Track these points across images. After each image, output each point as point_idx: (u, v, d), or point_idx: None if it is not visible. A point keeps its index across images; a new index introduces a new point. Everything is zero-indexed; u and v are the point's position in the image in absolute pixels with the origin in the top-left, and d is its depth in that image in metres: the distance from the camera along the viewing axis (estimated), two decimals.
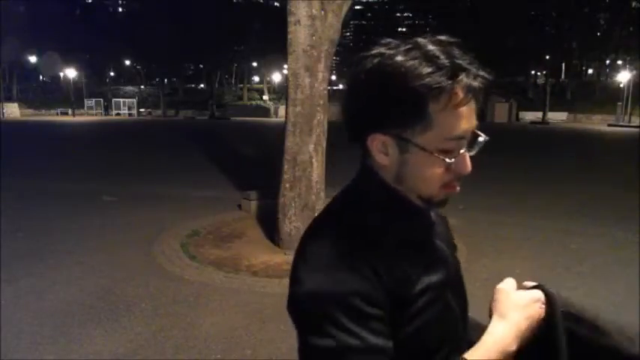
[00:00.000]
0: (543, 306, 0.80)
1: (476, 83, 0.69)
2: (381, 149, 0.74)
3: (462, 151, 0.73)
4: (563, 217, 6.70)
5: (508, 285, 0.82)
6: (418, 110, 0.69)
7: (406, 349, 0.72)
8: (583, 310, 0.84)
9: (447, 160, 0.72)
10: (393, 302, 0.70)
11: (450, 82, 0.67)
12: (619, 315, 3.55)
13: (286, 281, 0.81)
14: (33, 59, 48.94)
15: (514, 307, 0.78)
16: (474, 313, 0.90)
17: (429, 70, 0.67)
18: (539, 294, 0.82)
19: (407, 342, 0.72)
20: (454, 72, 0.68)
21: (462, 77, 0.68)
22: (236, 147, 15.51)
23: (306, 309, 0.70)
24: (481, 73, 0.70)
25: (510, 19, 41.79)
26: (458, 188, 0.77)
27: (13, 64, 45.75)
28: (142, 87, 60.05)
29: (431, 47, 0.69)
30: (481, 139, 0.75)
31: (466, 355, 0.72)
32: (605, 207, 7.32)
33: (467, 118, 0.71)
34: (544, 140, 22.55)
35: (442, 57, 0.68)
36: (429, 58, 0.68)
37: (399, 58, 0.69)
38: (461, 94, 0.69)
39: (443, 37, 0.72)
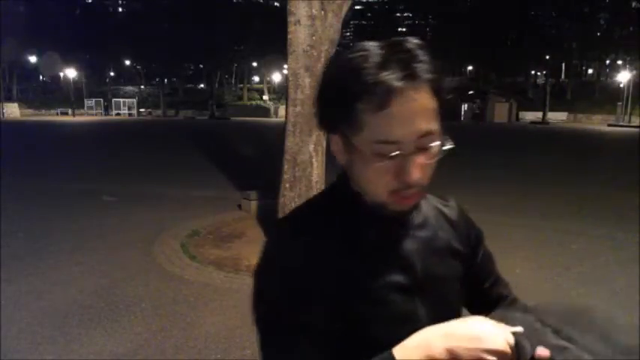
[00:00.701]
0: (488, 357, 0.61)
1: (399, 84, 0.65)
2: (337, 149, 0.74)
3: (414, 156, 0.68)
4: (563, 217, 6.70)
5: (482, 321, 0.66)
6: (347, 110, 0.68)
7: (347, 345, 0.72)
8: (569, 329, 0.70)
9: (384, 164, 0.68)
10: (331, 296, 0.71)
11: (373, 81, 0.65)
12: (619, 315, 3.56)
13: None
14: (33, 59, 48.97)
15: (445, 332, 0.65)
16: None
17: (357, 69, 0.66)
18: (495, 339, 0.62)
19: (347, 340, 0.73)
20: (380, 71, 0.65)
21: (387, 76, 0.65)
22: (236, 147, 15.51)
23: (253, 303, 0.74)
24: (419, 72, 0.66)
25: (510, 19, 41.83)
26: (410, 201, 0.72)
27: (13, 64, 45.77)
28: (142, 87, 60.06)
29: (373, 48, 0.67)
30: (434, 144, 0.69)
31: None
32: (605, 207, 7.32)
33: (403, 122, 0.66)
34: (544, 140, 22.55)
35: (375, 57, 0.66)
36: (363, 59, 0.66)
37: (340, 59, 0.70)
38: (385, 95, 0.65)
39: (406, 39, 0.69)
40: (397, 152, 0.67)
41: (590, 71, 57.89)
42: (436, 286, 0.81)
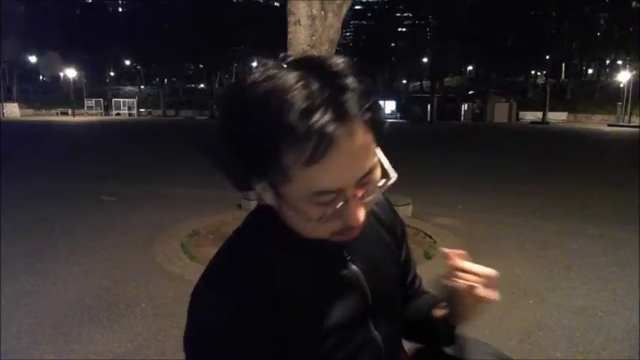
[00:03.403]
0: None
1: (331, 129, 0.53)
2: (267, 200, 0.64)
3: (348, 202, 0.60)
4: (563, 217, 6.70)
5: None
6: (270, 160, 0.56)
7: None
8: None
9: (324, 213, 0.59)
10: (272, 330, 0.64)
11: (301, 130, 0.52)
12: (619, 315, 3.56)
13: None
14: (33, 59, 49.01)
15: None
16: None
17: (278, 112, 0.53)
18: None
19: None
20: (307, 116, 0.53)
21: (317, 123, 0.53)
22: None
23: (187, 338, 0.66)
24: (351, 110, 0.55)
25: (510, 19, 41.83)
26: (355, 233, 0.65)
27: (13, 64, 45.77)
28: (142, 87, 60.12)
29: (290, 79, 0.55)
30: (375, 182, 0.62)
31: None
32: (605, 207, 7.32)
33: (341, 170, 0.57)
34: (544, 140, 22.55)
35: (296, 94, 0.53)
36: (281, 97, 0.54)
37: (250, 93, 0.56)
38: (319, 146, 0.53)
39: (327, 61, 0.58)
40: (340, 203, 0.59)
41: (590, 71, 57.90)
42: (385, 300, 0.78)
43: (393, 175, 0.63)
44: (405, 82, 70.27)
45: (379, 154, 0.64)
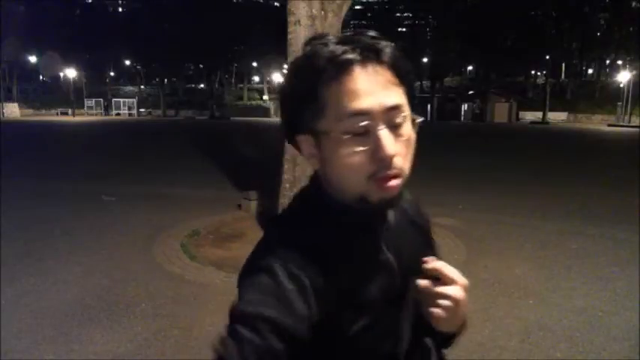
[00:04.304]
0: None
1: (359, 56, 0.66)
2: (309, 152, 0.72)
3: (378, 130, 0.66)
4: (563, 217, 6.70)
5: None
6: (310, 94, 0.68)
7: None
8: None
9: (356, 142, 0.66)
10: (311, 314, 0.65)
11: (331, 55, 0.66)
12: (619, 315, 3.56)
13: None
14: (33, 59, 48.98)
15: None
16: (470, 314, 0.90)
17: (316, 51, 0.67)
18: None
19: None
20: (339, 47, 0.66)
21: (347, 50, 0.66)
22: (236, 147, 15.51)
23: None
24: (381, 52, 0.67)
25: (510, 19, 41.81)
26: (392, 185, 0.68)
27: (13, 64, 45.75)
28: (142, 87, 60.09)
29: (333, 37, 0.69)
30: (404, 117, 0.68)
31: None
32: (605, 207, 7.32)
33: (368, 92, 0.66)
34: (544, 140, 22.55)
35: (334, 39, 0.68)
36: (323, 43, 0.68)
37: (299, 56, 0.70)
38: (346, 65, 0.66)
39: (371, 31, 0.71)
40: (366, 122, 0.65)
41: (590, 71, 57.88)
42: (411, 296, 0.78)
43: (421, 118, 0.72)
44: None
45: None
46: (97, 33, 45.09)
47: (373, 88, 0.66)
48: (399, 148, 0.67)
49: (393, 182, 0.68)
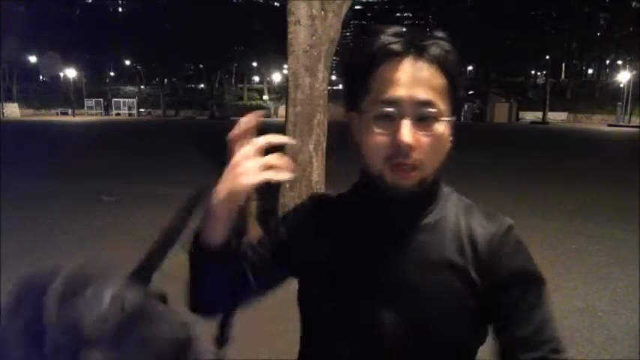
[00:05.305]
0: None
1: (406, 50, 0.72)
2: (353, 126, 0.79)
3: (402, 119, 0.71)
4: (563, 217, 6.70)
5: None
6: (361, 77, 0.75)
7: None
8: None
9: (381, 125, 0.72)
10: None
11: (382, 45, 0.72)
12: (619, 315, 3.56)
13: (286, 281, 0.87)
14: (33, 59, 48.98)
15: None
16: None
17: (375, 39, 0.74)
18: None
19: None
20: (392, 38, 0.72)
21: (397, 42, 0.72)
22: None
23: None
24: (429, 49, 0.72)
25: (510, 19, 41.81)
26: (405, 174, 0.72)
27: (13, 64, 45.75)
28: (142, 87, 60.07)
29: (397, 27, 0.75)
30: (427, 109, 0.71)
31: None
32: (605, 207, 7.32)
33: (403, 84, 0.71)
34: (544, 140, 22.55)
35: (393, 29, 0.74)
36: (384, 33, 0.74)
37: (364, 39, 0.78)
38: (391, 57, 0.72)
39: (435, 29, 0.77)
40: (394, 109, 0.71)
41: (590, 71, 57.88)
42: (408, 291, 0.76)
43: (452, 117, 0.75)
44: None
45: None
46: (96, 33, 45.06)
47: (409, 80, 0.71)
48: (420, 141, 0.71)
49: (407, 171, 0.73)
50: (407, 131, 0.70)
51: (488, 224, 0.81)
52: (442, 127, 0.73)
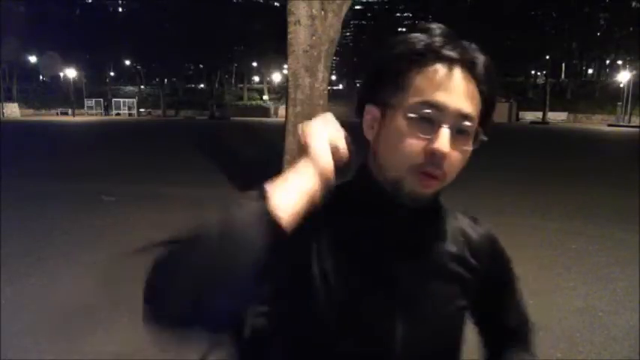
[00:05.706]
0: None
1: (452, 53, 0.69)
2: (370, 123, 0.75)
3: (442, 126, 0.67)
4: (563, 217, 6.70)
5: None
6: (398, 72, 0.70)
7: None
8: None
9: (417, 127, 0.67)
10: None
11: (436, 48, 0.69)
12: (619, 315, 3.56)
13: None
14: (33, 59, 49.01)
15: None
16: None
17: (423, 39, 0.70)
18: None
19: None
20: (445, 44, 0.69)
21: (452, 50, 0.69)
22: (236, 147, 15.51)
23: None
24: (477, 66, 0.70)
25: (510, 19, 41.81)
26: (428, 183, 0.69)
27: (13, 64, 45.75)
28: (142, 87, 60.08)
29: (433, 29, 0.72)
30: (471, 127, 0.69)
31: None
32: (605, 207, 7.32)
33: (451, 93, 0.68)
34: (544, 140, 22.55)
35: (441, 31, 0.71)
36: (430, 34, 0.71)
37: (403, 35, 0.73)
38: (446, 64, 0.69)
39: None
40: (435, 112, 0.67)
41: (590, 71, 57.89)
42: (419, 304, 0.76)
43: (484, 137, 0.73)
44: None
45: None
46: (96, 33, 45.10)
47: (457, 90, 0.68)
48: (452, 153, 0.68)
49: (432, 181, 0.69)
50: (446, 140, 0.66)
51: (475, 225, 0.86)
52: (471, 144, 0.72)
